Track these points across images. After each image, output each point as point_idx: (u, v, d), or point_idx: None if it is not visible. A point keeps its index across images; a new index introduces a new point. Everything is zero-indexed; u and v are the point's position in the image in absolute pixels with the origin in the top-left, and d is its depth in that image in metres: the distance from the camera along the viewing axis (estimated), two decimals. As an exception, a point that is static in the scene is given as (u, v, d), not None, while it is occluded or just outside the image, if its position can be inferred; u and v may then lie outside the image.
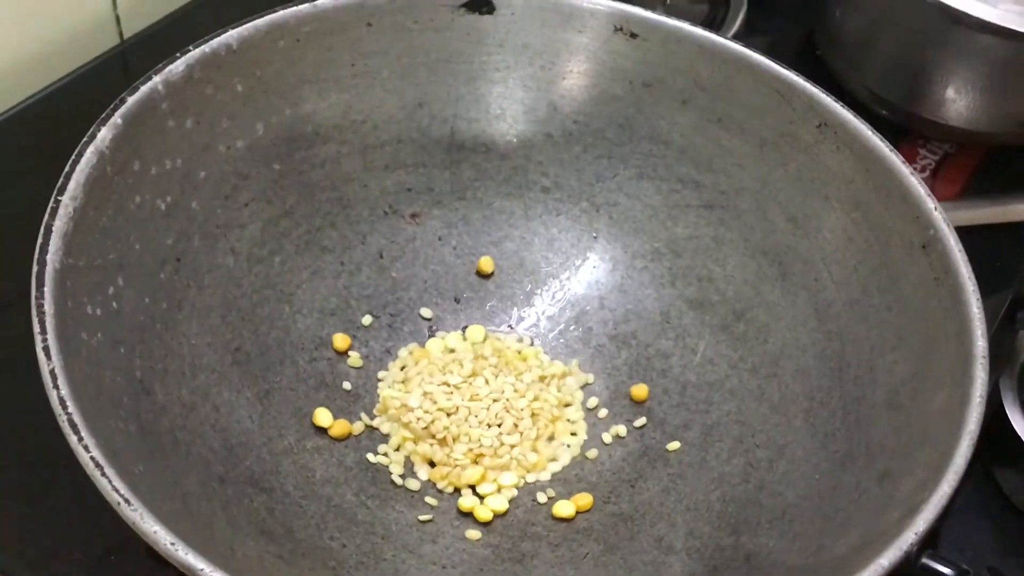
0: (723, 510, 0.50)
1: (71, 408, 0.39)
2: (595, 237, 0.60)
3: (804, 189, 0.55)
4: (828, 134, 0.53)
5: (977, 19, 0.61)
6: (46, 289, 0.42)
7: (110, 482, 0.37)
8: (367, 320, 0.57)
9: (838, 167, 0.53)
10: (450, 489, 0.52)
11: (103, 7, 0.72)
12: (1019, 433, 0.78)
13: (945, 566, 0.59)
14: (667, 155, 0.58)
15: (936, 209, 0.49)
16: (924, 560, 0.60)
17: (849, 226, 0.53)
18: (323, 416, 0.52)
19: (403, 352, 0.57)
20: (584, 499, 0.52)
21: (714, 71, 0.56)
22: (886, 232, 0.51)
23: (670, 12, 0.57)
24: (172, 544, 0.36)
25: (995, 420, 0.79)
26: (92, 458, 0.38)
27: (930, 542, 0.63)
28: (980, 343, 0.45)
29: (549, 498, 0.52)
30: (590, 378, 0.57)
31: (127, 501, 0.37)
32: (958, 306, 0.47)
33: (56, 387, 0.39)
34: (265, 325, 0.54)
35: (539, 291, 0.59)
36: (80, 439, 0.38)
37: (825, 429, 0.50)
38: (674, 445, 0.53)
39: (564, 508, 0.51)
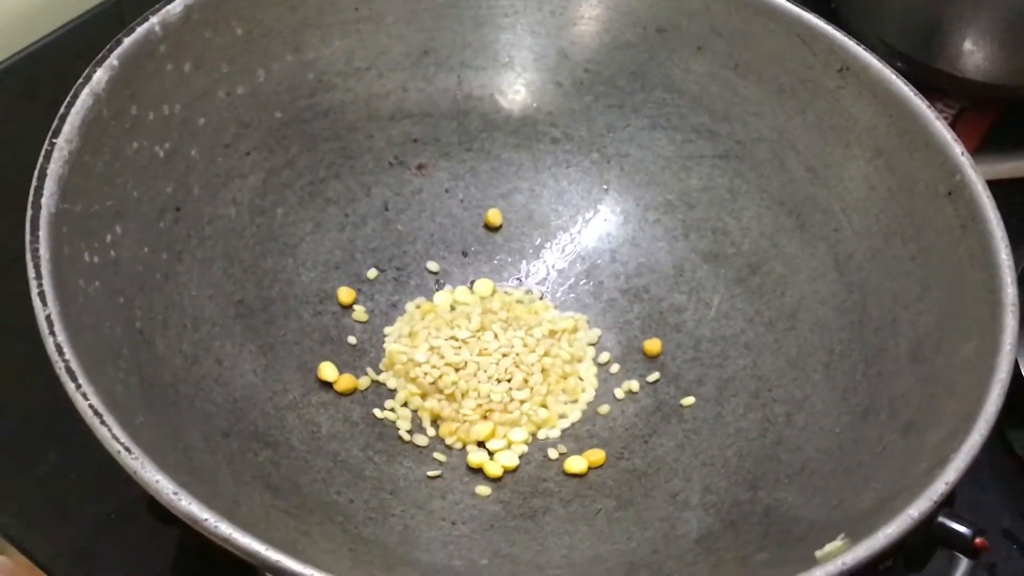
0: (740, 465, 0.49)
1: (68, 355, 0.37)
2: (606, 189, 0.58)
3: (824, 137, 0.53)
4: (850, 79, 0.52)
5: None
6: (41, 234, 0.40)
7: (110, 430, 0.36)
8: (372, 273, 0.55)
9: (860, 113, 0.51)
10: (459, 445, 0.51)
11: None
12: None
13: (963, 525, 0.58)
14: (681, 104, 0.57)
15: (963, 154, 0.48)
16: (941, 519, 0.59)
17: (871, 174, 0.51)
18: (328, 370, 0.51)
19: (410, 306, 0.55)
20: (596, 455, 0.50)
21: (731, 15, 0.55)
22: (910, 179, 0.50)
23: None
24: (175, 494, 0.35)
25: (1009, 382, 0.78)
26: (91, 406, 0.36)
27: (946, 502, 0.62)
28: (1010, 290, 0.44)
29: (560, 454, 0.51)
30: (600, 333, 0.55)
31: (127, 450, 0.35)
32: (986, 254, 0.45)
33: (52, 333, 0.38)
34: (268, 278, 0.52)
35: (549, 244, 0.58)
36: (78, 386, 0.36)
37: (845, 382, 0.49)
38: (688, 400, 0.52)
39: (576, 464, 0.50)
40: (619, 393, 0.53)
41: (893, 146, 0.50)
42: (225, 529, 0.35)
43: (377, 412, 0.51)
